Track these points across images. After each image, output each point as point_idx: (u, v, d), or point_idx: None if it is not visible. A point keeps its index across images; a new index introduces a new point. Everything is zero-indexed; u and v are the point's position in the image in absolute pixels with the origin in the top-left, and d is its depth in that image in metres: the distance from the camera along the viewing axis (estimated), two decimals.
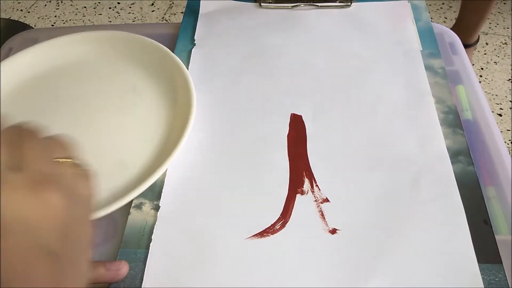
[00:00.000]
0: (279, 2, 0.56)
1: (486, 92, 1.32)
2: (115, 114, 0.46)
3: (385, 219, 0.36)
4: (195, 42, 0.52)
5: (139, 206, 0.39)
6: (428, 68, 0.48)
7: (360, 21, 0.54)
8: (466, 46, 1.27)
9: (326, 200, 0.38)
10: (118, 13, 1.70)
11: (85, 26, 0.59)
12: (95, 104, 0.47)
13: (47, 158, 0.22)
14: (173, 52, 0.49)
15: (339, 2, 0.56)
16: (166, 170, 0.40)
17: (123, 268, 0.34)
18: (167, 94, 0.47)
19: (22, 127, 0.22)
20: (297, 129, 0.43)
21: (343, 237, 0.35)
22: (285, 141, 0.42)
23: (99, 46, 0.52)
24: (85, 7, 1.74)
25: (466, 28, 1.24)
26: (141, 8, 1.71)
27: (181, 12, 1.65)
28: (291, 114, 0.45)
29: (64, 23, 1.67)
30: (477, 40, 1.29)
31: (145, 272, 0.34)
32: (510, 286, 0.32)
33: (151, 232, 0.37)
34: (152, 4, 1.73)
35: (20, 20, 1.63)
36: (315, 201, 0.38)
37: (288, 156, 0.41)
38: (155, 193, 0.39)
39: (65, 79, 0.50)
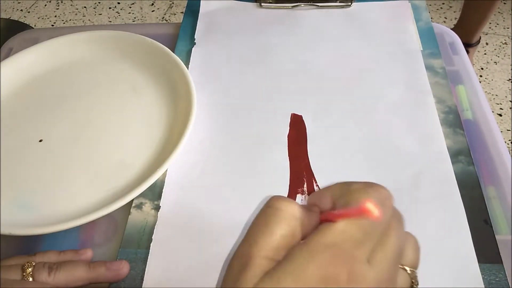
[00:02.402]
0: (279, 2, 0.56)
1: (486, 92, 1.32)
2: (115, 114, 0.46)
3: None
4: (195, 42, 0.52)
5: (139, 206, 0.39)
6: (428, 68, 0.47)
7: (360, 21, 0.54)
8: (468, 45, 1.27)
9: None
10: (118, 13, 1.70)
11: (85, 26, 0.59)
12: (95, 104, 0.47)
13: None
14: (173, 52, 0.49)
15: (339, 2, 0.56)
16: (166, 170, 0.40)
17: (124, 268, 0.34)
18: (167, 94, 0.47)
19: None
20: (297, 129, 0.43)
21: None
22: (285, 141, 0.42)
23: (99, 46, 0.52)
24: (85, 7, 1.74)
25: (469, 28, 1.23)
26: (141, 8, 1.71)
27: (181, 12, 1.65)
28: (292, 114, 0.44)
29: (64, 23, 1.67)
30: (479, 40, 1.29)
31: (145, 272, 0.34)
32: (510, 286, 0.32)
33: (151, 232, 0.37)
34: (152, 4, 1.73)
35: (20, 20, 1.63)
36: None
37: (288, 156, 0.41)
38: (155, 193, 0.39)
39: (65, 79, 0.50)
